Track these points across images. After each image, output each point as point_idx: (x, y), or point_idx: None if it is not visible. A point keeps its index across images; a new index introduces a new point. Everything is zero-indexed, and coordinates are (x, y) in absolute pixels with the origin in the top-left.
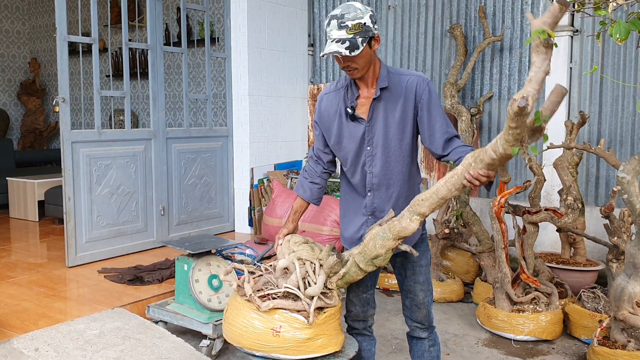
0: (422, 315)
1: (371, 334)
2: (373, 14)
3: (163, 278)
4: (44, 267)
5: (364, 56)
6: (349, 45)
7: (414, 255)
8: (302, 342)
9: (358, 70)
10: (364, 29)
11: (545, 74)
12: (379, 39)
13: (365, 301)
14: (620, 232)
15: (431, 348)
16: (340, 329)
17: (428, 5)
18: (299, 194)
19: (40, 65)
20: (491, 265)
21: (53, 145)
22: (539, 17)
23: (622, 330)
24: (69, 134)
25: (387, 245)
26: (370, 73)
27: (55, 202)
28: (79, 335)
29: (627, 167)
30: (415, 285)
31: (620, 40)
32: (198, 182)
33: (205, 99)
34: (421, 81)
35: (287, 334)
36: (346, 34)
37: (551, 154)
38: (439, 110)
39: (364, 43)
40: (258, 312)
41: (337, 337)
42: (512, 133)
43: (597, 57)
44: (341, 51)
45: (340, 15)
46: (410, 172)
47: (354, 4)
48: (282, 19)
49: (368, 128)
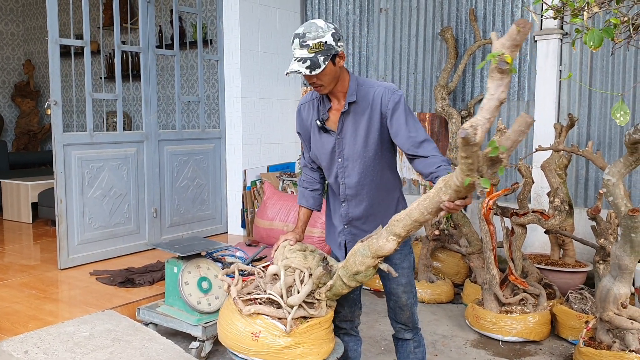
0: (406, 316)
1: (357, 334)
2: (336, 32)
3: (154, 280)
4: (36, 269)
5: (328, 73)
6: (310, 64)
7: (392, 275)
8: (280, 349)
9: (324, 87)
10: (325, 47)
11: (499, 102)
12: (344, 56)
13: (353, 302)
14: (606, 233)
15: (416, 349)
16: (328, 339)
17: (419, 8)
18: (303, 204)
19: (34, 67)
20: (481, 266)
21: (47, 147)
22: (500, 38)
23: (607, 331)
24: (61, 137)
25: (366, 263)
26: (339, 87)
27: (49, 204)
28: (69, 338)
29: (613, 170)
30: (397, 287)
31: (594, 48)
32: (190, 184)
33: (198, 101)
34: (387, 92)
35: (265, 340)
36: (307, 53)
37: (541, 156)
38: (403, 119)
39: (326, 61)
40: (241, 315)
41: (321, 347)
42: (464, 163)
43: (586, 61)
44: (302, 70)
45: (302, 35)
46: (386, 181)
47: (317, 22)
48: (274, 22)
49: (338, 141)
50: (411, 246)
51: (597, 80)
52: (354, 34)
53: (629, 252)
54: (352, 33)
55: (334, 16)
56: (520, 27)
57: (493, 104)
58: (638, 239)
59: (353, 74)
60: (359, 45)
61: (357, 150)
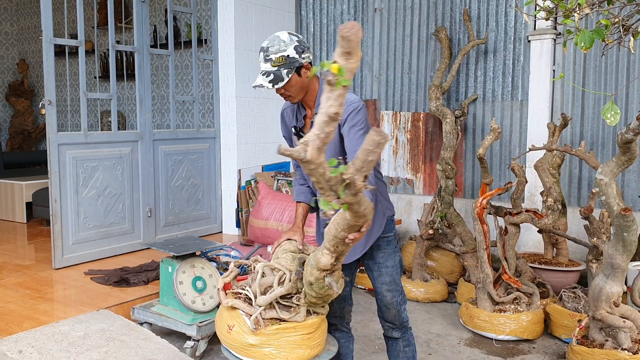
0: (392, 315)
1: (349, 331)
2: (300, 44)
3: (149, 280)
4: (31, 269)
5: (294, 85)
6: (273, 77)
7: (333, 289)
8: (247, 346)
9: (292, 97)
10: (288, 60)
11: (328, 117)
12: (309, 67)
13: (342, 298)
14: (599, 232)
15: (406, 348)
16: (306, 345)
17: (414, 8)
18: (301, 199)
19: (28, 67)
20: (475, 265)
21: (42, 146)
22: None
23: (600, 330)
24: (55, 136)
25: (314, 274)
26: (309, 97)
27: (44, 204)
28: (63, 337)
29: (605, 169)
30: (382, 286)
31: (585, 49)
32: (185, 184)
33: (193, 100)
34: (346, 103)
35: (236, 334)
36: (271, 66)
37: (535, 155)
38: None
39: (290, 74)
40: (225, 306)
41: (293, 352)
42: (315, 181)
43: (579, 61)
44: (264, 84)
45: (266, 48)
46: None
47: (280, 35)
48: (269, 21)
49: None
50: (396, 245)
51: (590, 80)
52: None
53: (622, 251)
54: None
55: (328, 16)
56: (344, 32)
57: (321, 118)
58: (630, 237)
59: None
60: None
61: (328, 158)
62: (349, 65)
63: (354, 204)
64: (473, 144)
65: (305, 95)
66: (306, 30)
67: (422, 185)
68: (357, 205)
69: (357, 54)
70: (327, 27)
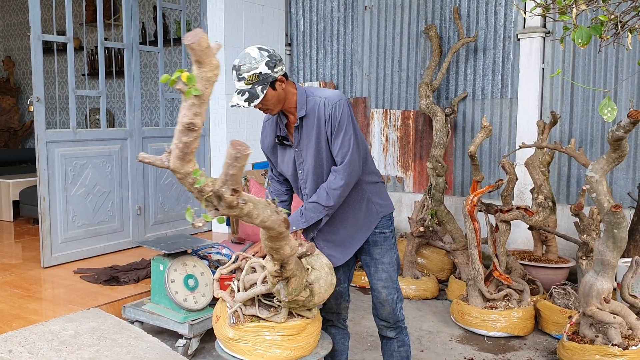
0: (386, 312)
1: (345, 328)
2: (271, 59)
3: (139, 278)
4: (19, 267)
5: (270, 99)
6: (248, 96)
7: (280, 296)
8: (228, 339)
9: (271, 110)
10: (261, 77)
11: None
12: (284, 79)
13: (339, 294)
14: (589, 229)
15: (400, 348)
16: (286, 347)
17: (404, 5)
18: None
19: (14, 64)
20: (465, 262)
21: (28, 144)
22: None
23: (590, 326)
24: (44, 134)
25: (270, 280)
26: (288, 105)
27: (31, 202)
28: (54, 336)
29: (596, 167)
30: (377, 282)
31: (582, 45)
32: (175, 182)
33: (182, 98)
34: (327, 103)
35: (219, 325)
36: (244, 85)
37: (524, 153)
38: (336, 133)
39: (264, 90)
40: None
41: (270, 351)
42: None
43: (568, 59)
44: (240, 103)
45: (238, 67)
46: (354, 188)
47: (250, 52)
48: (259, 19)
49: (297, 154)
50: (394, 242)
51: (579, 78)
52: (339, 32)
53: (612, 248)
54: (336, 30)
55: (318, 13)
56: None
57: (178, 128)
58: (620, 234)
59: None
60: (343, 43)
61: (315, 162)
62: (203, 74)
63: (242, 216)
64: (463, 142)
65: (283, 105)
66: (296, 27)
67: (412, 183)
68: (247, 217)
69: (209, 62)
70: (317, 25)
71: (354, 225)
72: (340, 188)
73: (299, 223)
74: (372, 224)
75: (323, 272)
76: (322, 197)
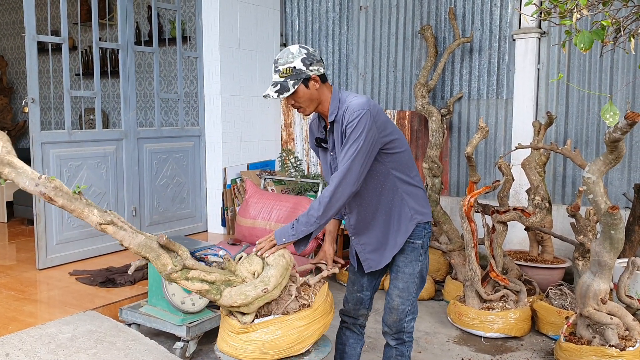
0: (392, 320)
1: (360, 334)
2: (308, 57)
3: (135, 280)
4: (14, 269)
5: (302, 96)
6: (279, 88)
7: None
8: None
9: (303, 109)
10: (295, 72)
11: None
12: (317, 79)
13: (359, 300)
14: (586, 230)
15: (398, 357)
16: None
17: (399, 6)
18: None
19: (7, 63)
20: (461, 263)
21: (21, 144)
22: None
23: (587, 327)
24: (38, 135)
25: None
26: (323, 107)
27: (25, 203)
28: (51, 339)
29: (593, 168)
30: (394, 289)
31: (585, 50)
32: (170, 183)
33: (177, 98)
34: (349, 112)
35: None
36: (279, 77)
37: (520, 154)
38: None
39: (296, 85)
40: None
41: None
42: None
43: (563, 59)
44: (271, 94)
45: (276, 60)
46: (373, 188)
47: (291, 48)
48: (254, 19)
49: (332, 158)
50: (421, 255)
51: (574, 80)
52: (334, 32)
53: (609, 249)
54: (331, 31)
55: (313, 13)
56: None
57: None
58: (617, 235)
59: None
60: (338, 43)
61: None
62: None
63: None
64: (458, 142)
65: (319, 106)
66: (291, 27)
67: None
68: None
69: None
70: (312, 25)
71: (387, 225)
72: (328, 196)
73: (288, 235)
74: (409, 229)
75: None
76: (313, 207)
